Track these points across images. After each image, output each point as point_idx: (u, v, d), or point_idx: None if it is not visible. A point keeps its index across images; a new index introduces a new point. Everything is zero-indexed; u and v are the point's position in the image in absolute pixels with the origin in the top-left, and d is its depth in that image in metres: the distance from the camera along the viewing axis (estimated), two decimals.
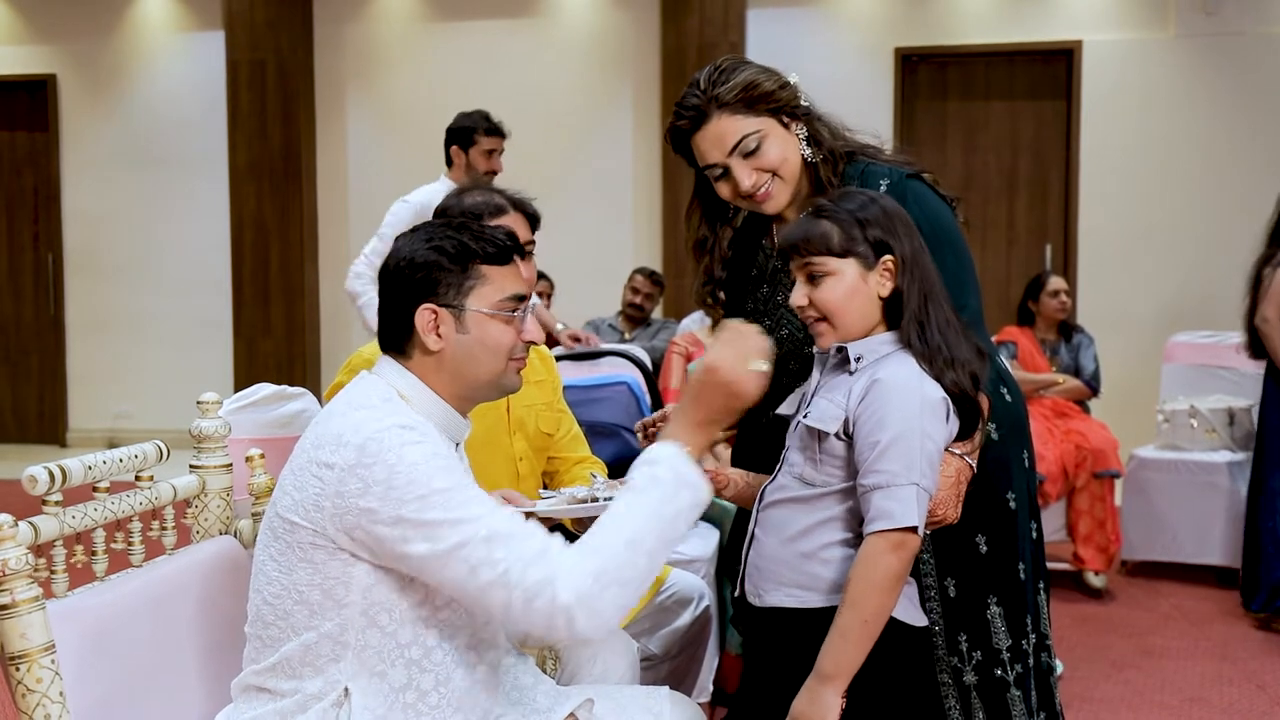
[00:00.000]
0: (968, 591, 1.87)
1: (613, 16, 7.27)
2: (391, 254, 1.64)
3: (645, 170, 7.23)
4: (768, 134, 1.89)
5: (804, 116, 1.93)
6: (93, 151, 7.87)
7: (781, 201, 1.93)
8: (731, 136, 1.88)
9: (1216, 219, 6.56)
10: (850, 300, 1.66)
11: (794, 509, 1.68)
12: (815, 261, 1.66)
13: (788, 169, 1.91)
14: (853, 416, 1.63)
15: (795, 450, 1.71)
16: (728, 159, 1.90)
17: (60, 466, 1.57)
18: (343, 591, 1.50)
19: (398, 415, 1.52)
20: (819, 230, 1.67)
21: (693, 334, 4.00)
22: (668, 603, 2.45)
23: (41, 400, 8.07)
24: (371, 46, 7.55)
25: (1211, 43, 6.60)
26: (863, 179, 1.92)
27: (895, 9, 6.95)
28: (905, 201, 1.80)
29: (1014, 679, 1.88)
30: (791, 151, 1.91)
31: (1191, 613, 4.21)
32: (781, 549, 1.68)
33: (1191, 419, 4.67)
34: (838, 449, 1.64)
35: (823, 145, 1.93)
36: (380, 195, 7.47)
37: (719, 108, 1.89)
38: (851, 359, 1.67)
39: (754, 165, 1.89)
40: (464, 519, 1.45)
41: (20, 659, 1.42)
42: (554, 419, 2.35)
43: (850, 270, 1.66)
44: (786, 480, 1.71)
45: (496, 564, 1.43)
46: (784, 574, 1.68)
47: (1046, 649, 1.98)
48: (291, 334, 7.50)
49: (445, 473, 1.47)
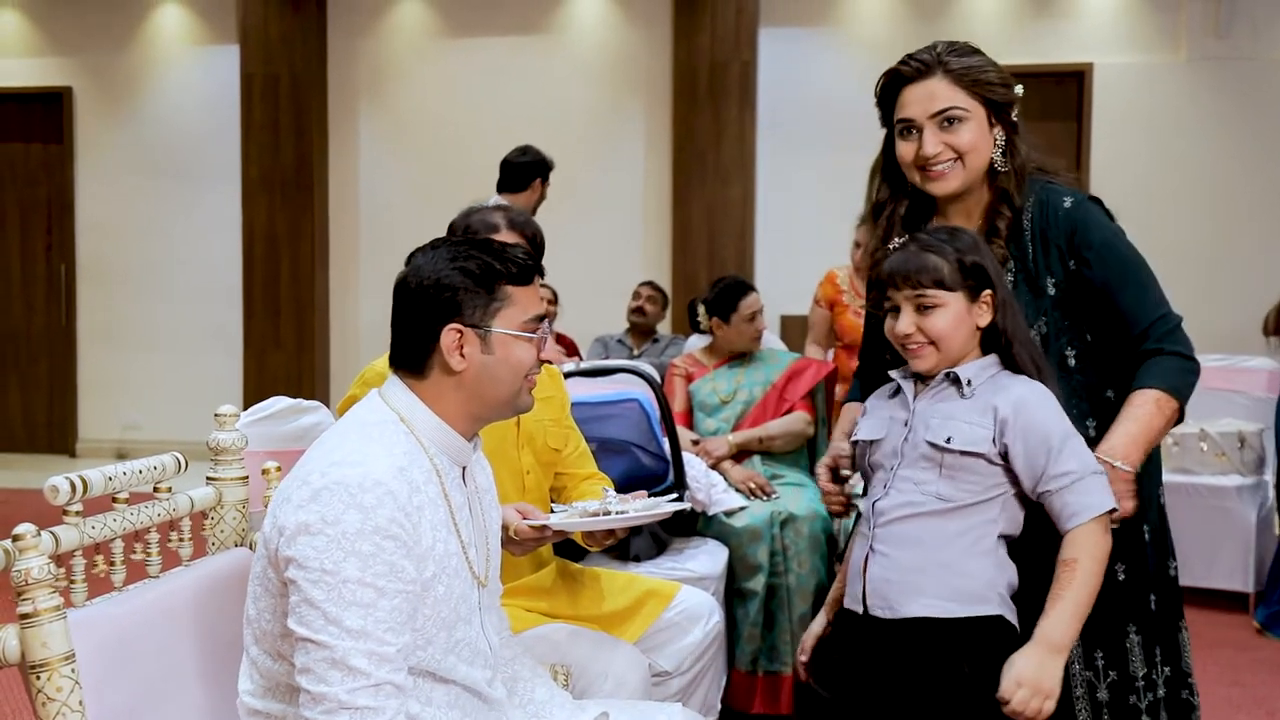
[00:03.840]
0: (1105, 617, 1.89)
1: (625, 34, 7.31)
2: (411, 272, 1.61)
3: (655, 187, 7.25)
4: (972, 117, 1.93)
5: (1009, 126, 1.96)
6: (107, 163, 7.92)
7: (951, 186, 1.95)
8: (941, 101, 1.92)
9: (1227, 242, 6.56)
10: (957, 329, 1.82)
11: (928, 523, 1.79)
12: (928, 294, 1.81)
13: (974, 159, 1.94)
14: (1002, 434, 1.77)
15: (921, 470, 1.81)
16: (927, 120, 1.93)
17: (81, 477, 1.58)
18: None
19: (376, 461, 1.48)
20: (932, 264, 1.81)
21: (693, 355, 4.00)
22: (678, 619, 2.45)
23: (51, 410, 8.10)
24: (384, 61, 7.60)
25: (1222, 66, 6.62)
26: (1045, 196, 1.97)
27: (906, 29, 6.97)
28: (1091, 220, 1.93)
29: (1145, 707, 1.94)
30: (984, 145, 1.94)
31: (1201, 637, 4.19)
32: (919, 562, 1.78)
33: (1201, 442, 4.67)
34: (977, 466, 1.78)
35: (1015, 159, 1.96)
36: (391, 209, 7.53)
37: (945, 72, 1.93)
38: (963, 382, 1.82)
39: (945, 138, 1.92)
40: (334, 622, 1.42)
41: (41, 668, 1.43)
42: (562, 435, 2.36)
43: (958, 303, 1.82)
44: (914, 497, 1.80)
45: (323, 683, 1.42)
46: (924, 585, 1.77)
47: (1188, 686, 2.02)
48: (301, 346, 7.53)
49: (363, 560, 1.43)
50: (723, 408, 3.81)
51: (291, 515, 1.46)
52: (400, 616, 1.46)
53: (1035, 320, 1.95)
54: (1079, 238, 1.93)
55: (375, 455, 1.50)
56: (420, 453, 1.56)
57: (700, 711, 2.49)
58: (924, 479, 1.80)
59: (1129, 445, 1.82)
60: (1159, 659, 1.96)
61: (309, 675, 1.43)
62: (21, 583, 1.43)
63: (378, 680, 1.42)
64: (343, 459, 1.49)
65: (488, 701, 1.64)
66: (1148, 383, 1.87)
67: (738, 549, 3.25)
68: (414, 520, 1.49)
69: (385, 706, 1.43)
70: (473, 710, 1.61)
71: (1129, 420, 1.84)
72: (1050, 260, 1.95)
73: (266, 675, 1.56)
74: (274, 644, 1.53)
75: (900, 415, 1.87)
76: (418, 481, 1.52)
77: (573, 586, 2.36)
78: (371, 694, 1.42)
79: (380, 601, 1.43)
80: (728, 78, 6.94)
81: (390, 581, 1.45)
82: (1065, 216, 1.94)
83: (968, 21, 6.90)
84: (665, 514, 1.99)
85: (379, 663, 1.43)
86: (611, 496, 2.04)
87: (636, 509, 1.97)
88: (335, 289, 7.69)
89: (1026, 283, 1.96)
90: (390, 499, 1.46)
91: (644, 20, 7.25)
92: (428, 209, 6.90)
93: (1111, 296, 1.92)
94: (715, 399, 3.82)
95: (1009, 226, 1.96)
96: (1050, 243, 1.94)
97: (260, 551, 1.54)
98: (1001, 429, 1.77)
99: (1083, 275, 1.93)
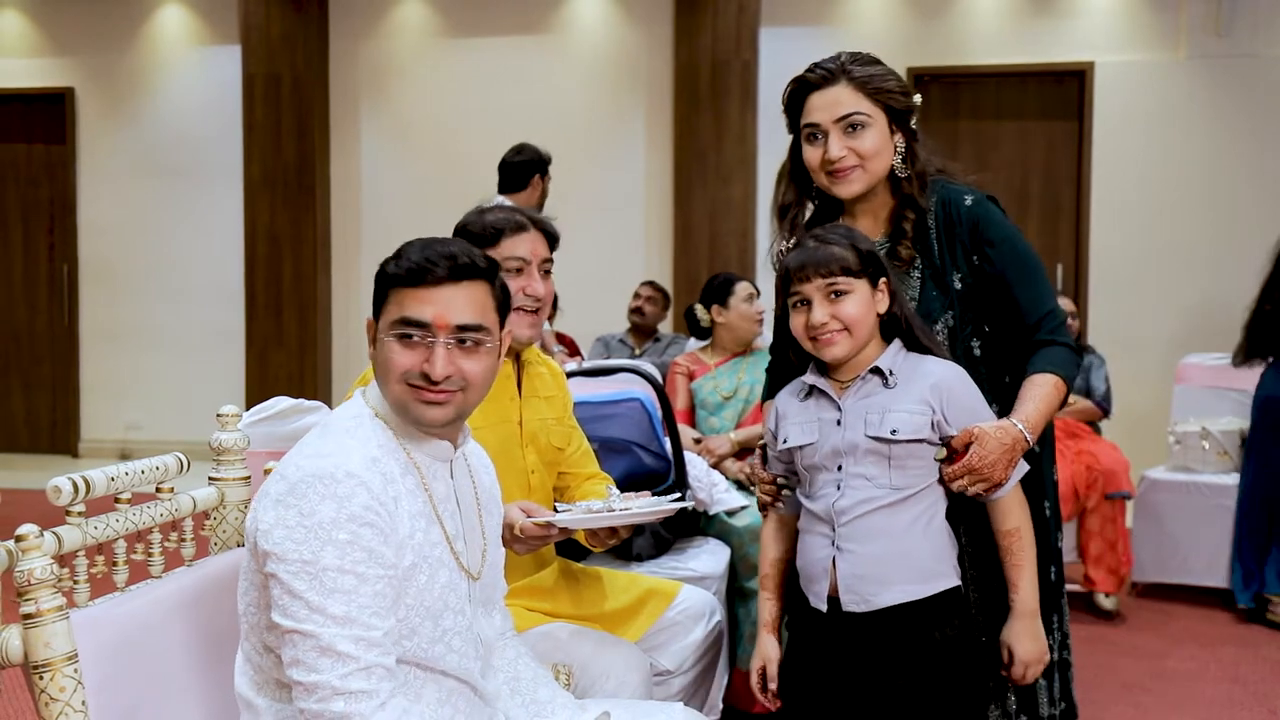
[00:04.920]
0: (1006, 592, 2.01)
1: (626, 34, 7.31)
2: None
3: (657, 187, 7.26)
4: (874, 123, 2.03)
5: (909, 133, 2.07)
6: (109, 163, 7.92)
7: (855, 188, 2.05)
8: (846, 107, 2.03)
9: (1228, 240, 6.56)
10: (867, 314, 1.91)
11: (887, 515, 1.86)
12: (839, 281, 1.89)
13: (875, 164, 2.05)
14: (941, 417, 1.87)
15: (870, 465, 1.87)
16: (832, 125, 2.03)
17: (84, 478, 1.59)
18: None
19: (349, 453, 1.50)
20: (838, 253, 1.90)
21: (694, 353, 4.00)
22: (680, 618, 2.45)
23: (54, 410, 8.11)
24: (386, 61, 7.60)
25: (1223, 64, 6.62)
26: (947, 195, 2.09)
27: (907, 28, 6.97)
28: (991, 218, 2.07)
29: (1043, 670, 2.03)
30: (886, 151, 2.05)
31: (1202, 635, 4.20)
32: (885, 553, 1.86)
33: (1203, 441, 4.67)
34: (922, 450, 1.87)
35: (915, 164, 2.07)
36: (393, 208, 7.54)
37: (849, 80, 2.04)
38: (885, 373, 1.90)
39: (849, 143, 2.03)
40: (318, 610, 1.42)
41: (44, 668, 1.44)
42: (565, 434, 2.37)
43: (863, 289, 1.91)
44: (871, 492, 1.87)
45: (314, 672, 1.42)
46: (892, 575, 1.85)
47: (1067, 646, 2.19)
48: (304, 345, 7.53)
49: (341, 548, 1.44)
50: (725, 405, 3.81)
51: (269, 510, 1.47)
52: (384, 601, 1.47)
53: (942, 315, 2.08)
54: (981, 233, 2.06)
55: (348, 448, 1.52)
56: (395, 446, 1.57)
57: (702, 711, 2.49)
58: (875, 473, 1.87)
59: (1037, 420, 1.93)
60: (1055, 625, 2.13)
61: (299, 666, 1.43)
62: (24, 583, 1.44)
63: (367, 664, 1.43)
64: (315, 453, 1.51)
65: (480, 695, 1.65)
66: (1046, 367, 1.99)
67: (739, 548, 3.25)
68: (390, 509, 1.50)
69: (378, 689, 1.43)
70: (465, 707, 1.61)
71: (1035, 399, 1.95)
72: (955, 257, 2.06)
73: (258, 669, 1.57)
74: (261, 636, 1.54)
75: (829, 415, 1.92)
76: (393, 473, 1.54)
77: (575, 586, 2.36)
78: (364, 677, 1.42)
79: (362, 587, 1.44)
80: (729, 77, 6.94)
81: (370, 567, 1.45)
82: (968, 213, 2.07)
83: (968, 20, 6.91)
84: (668, 512, 2.00)
85: (367, 647, 1.43)
86: (615, 495, 2.05)
87: (639, 507, 1.98)
88: (337, 288, 7.69)
89: (934, 279, 2.08)
90: (364, 489, 1.47)
91: (645, 20, 7.26)
92: (430, 208, 6.91)
93: (1009, 289, 2.05)
94: (717, 397, 3.82)
95: (914, 227, 2.07)
96: (955, 240, 2.06)
97: (247, 548, 1.55)
98: (939, 410, 1.87)
99: (984, 269, 2.06)
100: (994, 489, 1.88)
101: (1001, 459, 1.85)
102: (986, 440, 1.84)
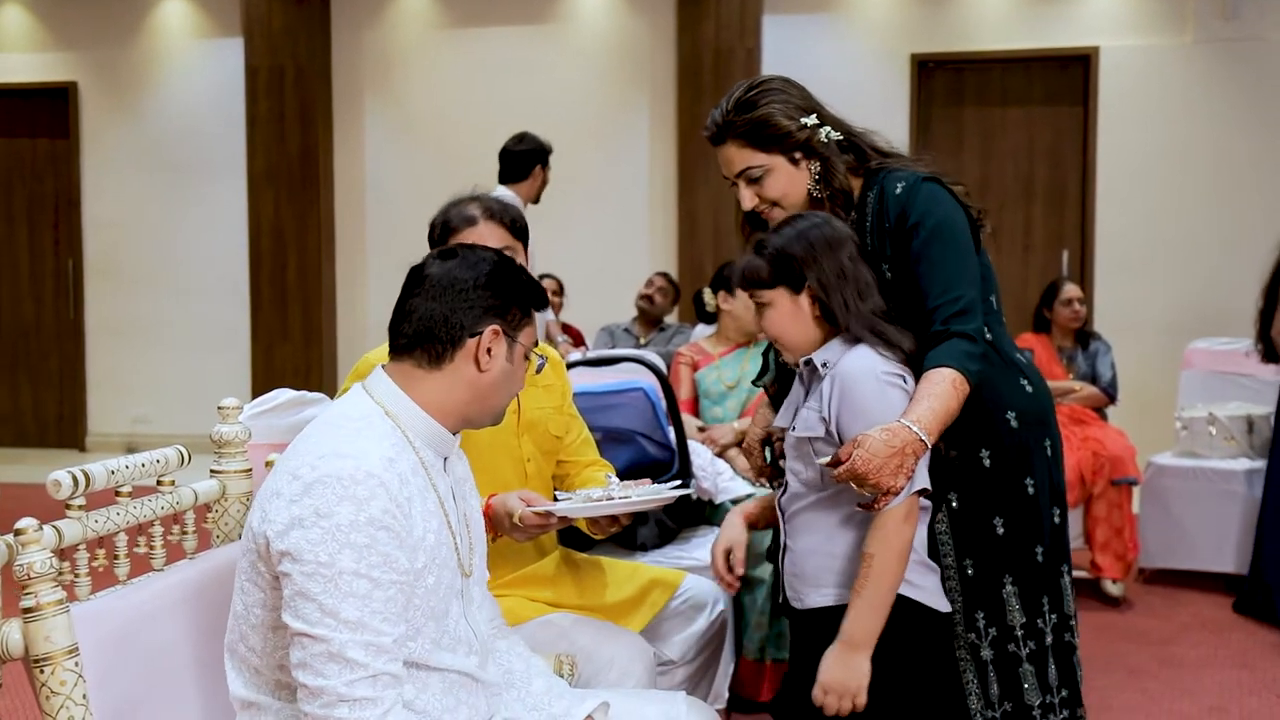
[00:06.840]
0: (985, 572, 1.99)
1: (629, 23, 7.29)
2: (456, 265, 1.62)
3: (661, 176, 7.24)
4: (772, 169, 2.01)
5: (820, 155, 2.01)
6: (112, 157, 7.93)
7: (779, 220, 2.02)
8: (737, 165, 2.03)
9: (1235, 225, 6.53)
10: (790, 323, 1.87)
11: (814, 514, 1.82)
12: (756, 294, 1.88)
13: (790, 200, 2.03)
14: (834, 416, 1.79)
15: (795, 460, 1.85)
16: (736, 178, 2.05)
17: (84, 471, 1.59)
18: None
19: (367, 454, 1.49)
20: (752, 265, 1.88)
21: (698, 343, 4.00)
22: (683, 608, 2.45)
23: (61, 404, 8.13)
24: (389, 53, 7.59)
25: (1229, 48, 6.58)
26: (881, 187, 2.01)
27: (911, 15, 6.94)
28: (915, 200, 1.95)
29: (1026, 655, 2.00)
30: (797, 187, 2.02)
31: (1210, 621, 4.19)
32: (814, 553, 1.84)
33: (1210, 426, 4.65)
34: (823, 449, 1.80)
35: (833, 183, 2.02)
36: (397, 200, 7.53)
37: (733, 136, 2.03)
38: (819, 366, 1.84)
39: (756, 190, 2.03)
40: (331, 614, 1.42)
41: (44, 661, 1.44)
42: (563, 423, 2.36)
43: (782, 298, 1.87)
44: (797, 489, 1.85)
45: (321, 677, 1.42)
46: (821, 576, 1.83)
47: (1070, 629, 2.09)
48: (309, 339, 7.54)
49: (358, 552, 1.43)
50: (728, 395, 3.81)
51: (283, 510, 1.46)
52: (395, 607, 1.47)
53: None
54: (907, 216, 1.96)
55: (365, 448, 1.50)
56: (406, 445, 1.57)
57: (707, 700, 2.49)
58: (798, 469, 1.86)
59: (932, 420, 1.78)
60: (1046, 607, 2.03)
61: (306, 670, 1.43)
62: (24, 577, 1.44)
63: (375, 671, 1.43)
64: (332, 451, 1.49)
65: (482, 683, 1.65)
66: (944, 361, 1.85)
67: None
68: (405, 511, 1.50)
69: (383, 697, 1.44)
70: (467, 695, 1.62)
71: (931, 397, 1.81)
72: (885, 246, 2.00)
73: (255, 671, 1.57)
74: (265, 636, 1.54)
75: (798, 405, 1.91)
76: (405, 473, 1.53)
77: (577, 575, 2.36)
78: (369, 685, 1.43)
79: (375, 593, 1.44)
80: (732, 65, 6.91)
81: (385, 573, 1.45)
82: (895, 201, 1.99)
83: (972, 6, 6.87)
84: (669, 499, 2.00)
85: (376, 654, 1.43)
86: (615, 483, 2.04)
87: (639, 495, 1.98)
88: (342, 281, 7.70)
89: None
90: (383, 490, 1.47)
91: (648, 9, 7.23)
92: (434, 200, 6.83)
93: (915, 268, 1.94)
94: (721, 386, 3.82)
95: (853, 225, 2.02)
96: (885, 232, 2.00)
97: (248, 546, 1.54)
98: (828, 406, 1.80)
99: (908, 250, 1.96)
100: (889, 496, 1.75)
101: (889, 463, 1.72)
102: (870, 443, 1.71)
